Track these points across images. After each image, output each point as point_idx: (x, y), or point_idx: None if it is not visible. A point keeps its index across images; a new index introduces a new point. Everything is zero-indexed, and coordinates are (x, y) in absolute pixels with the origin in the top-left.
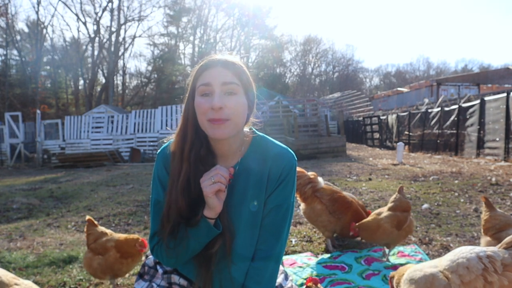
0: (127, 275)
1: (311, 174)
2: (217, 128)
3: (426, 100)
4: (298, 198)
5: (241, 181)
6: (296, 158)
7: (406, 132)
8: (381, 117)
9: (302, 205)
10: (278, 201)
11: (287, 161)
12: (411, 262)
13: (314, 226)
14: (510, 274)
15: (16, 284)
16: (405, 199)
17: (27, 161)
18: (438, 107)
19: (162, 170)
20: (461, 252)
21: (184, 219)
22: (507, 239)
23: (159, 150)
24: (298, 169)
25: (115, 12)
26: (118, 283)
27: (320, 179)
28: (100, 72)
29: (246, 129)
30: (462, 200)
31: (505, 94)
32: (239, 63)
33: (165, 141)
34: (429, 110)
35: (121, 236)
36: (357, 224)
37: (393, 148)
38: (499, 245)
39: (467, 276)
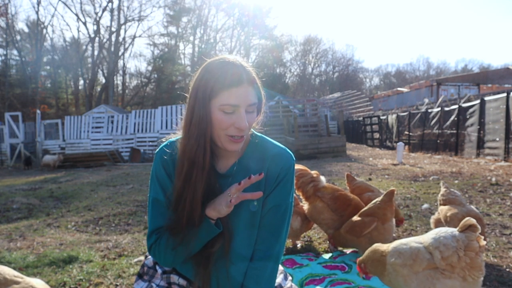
0: (127, 274)
1: (313, 173)
2: (235, 145)
3: (426, 100)
4: (301, 197)
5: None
6: (294, 158)
7: (406, 132)
8: (381, 117)
9: (306, 205)
10: (277, 201)
11: (286, 161)
12: None
13: (317, 224)
14: (469, 253)
15: (15, 283)
16: (375, 205)
17: (27, 165)
18: (438, 107)
19: (161, 170)
20: (441, 232)
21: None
22: (461, 224)
23: (157, 150)
24: (301, 167)
25: (115, 12)
26: (118, 283)
27: (322, 178)
28: (100, 72)
29: None
30: None
31: (505, 94)
32: (256, 76)
33: (163, 140)
34: (429, 110)
35: None
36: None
37: (393, 148)
38: (457, 228)
39: (445, 252)
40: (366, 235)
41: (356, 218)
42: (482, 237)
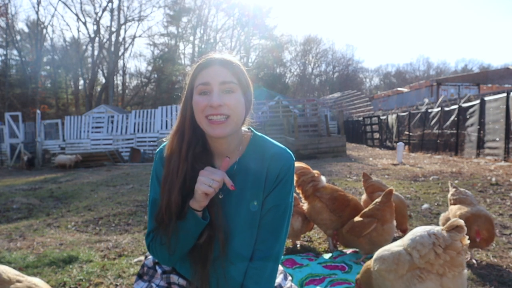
0: (127, 274)
1: (315, 172)
2: (217, 127)
3: (426, 100)
4: (300, 196)
5: (239, 180)
6: (294, 158)
7: (406, 132)
8: (381, 117)
9: (305, 204)
10: (276, 201)
11: (285, 161)
12: None
13: (316, 225)
14: (451, 252)
15: (18, 281)
16: (374, 206)
17: (30, 165)
18: (438, 107)
19: (160, 169)
20: (417, 231)
21: (176, 214)
22: (448, 224)
23: (157, 150)
24: (303, 165)
25: (115, 12)
26: (118, 283)
27: (323, 178)
28: (100, 72)
29: (244, 128)
30: None
31: (505, 94)
32: (237, 62)
33: (164, 140)
34: (429, 110)
35: None
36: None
37: (393, 148)
38: (443, 227)
39: (422, 250)
40: (366, 236)
41: (357, 218)
42: (467, 237)
